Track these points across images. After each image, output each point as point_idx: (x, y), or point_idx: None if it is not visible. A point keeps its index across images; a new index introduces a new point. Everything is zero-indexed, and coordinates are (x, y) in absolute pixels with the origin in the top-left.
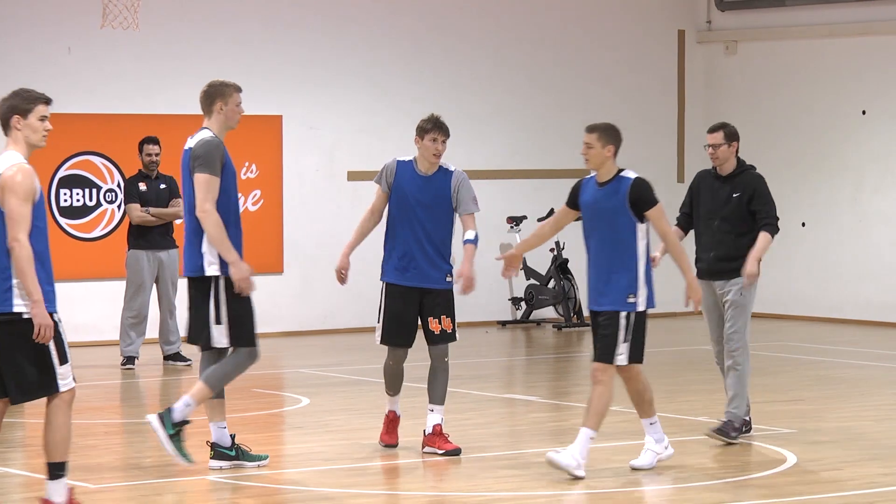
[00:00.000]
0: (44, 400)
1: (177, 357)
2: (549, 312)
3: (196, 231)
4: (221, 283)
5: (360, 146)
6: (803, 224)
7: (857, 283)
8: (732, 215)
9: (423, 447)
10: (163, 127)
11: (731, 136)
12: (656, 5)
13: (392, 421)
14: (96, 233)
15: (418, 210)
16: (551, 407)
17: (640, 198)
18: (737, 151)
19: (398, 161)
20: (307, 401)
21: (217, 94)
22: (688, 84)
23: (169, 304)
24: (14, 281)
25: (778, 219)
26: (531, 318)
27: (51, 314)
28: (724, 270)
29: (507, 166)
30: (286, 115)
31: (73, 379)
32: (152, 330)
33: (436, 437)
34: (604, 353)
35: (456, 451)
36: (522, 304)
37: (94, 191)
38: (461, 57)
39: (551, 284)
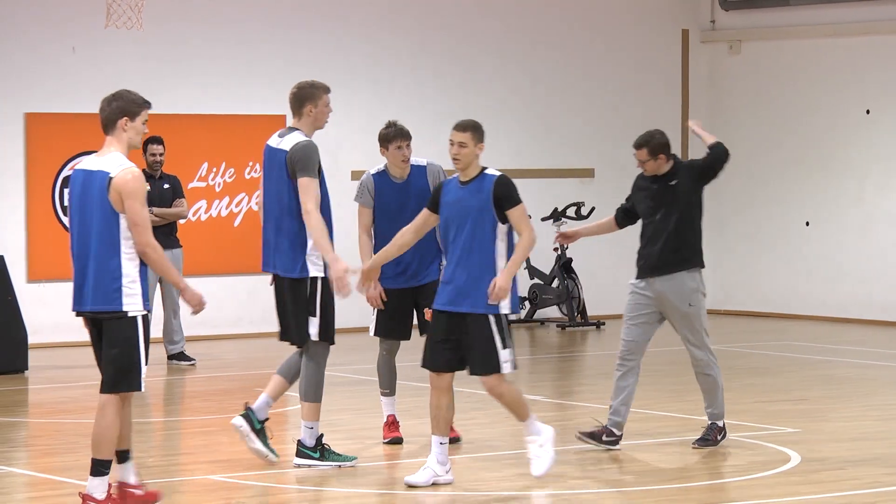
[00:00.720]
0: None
1: (181, 356)
2: (552, 312)
3: (297, 233)
4: (319, 282)
5: (364, 145)
6: (807, 223)
7: (862, 282)
8: (674, 204)
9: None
10: (166, 127)
11: (656, 149)
12: (660, 5)
13: (392, 423)
14: None
15: (404, 216)
16: (555, 406)
17: (504, 195)
18: (668, 155)
19: (372, 175)
20: None
21: (307, 97)
22: (691, 84)
23: (173, 303)
24: (123, 280)
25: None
26: (535, 317)
27: (145, 315)
28: (670, 262)
29: (512, 166)
30: (289, 114)
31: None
32: (156, 329)
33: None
34: (486, 364)
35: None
36: (526, 303)
37: None
38: (465, 57)
39: (555, 284)
